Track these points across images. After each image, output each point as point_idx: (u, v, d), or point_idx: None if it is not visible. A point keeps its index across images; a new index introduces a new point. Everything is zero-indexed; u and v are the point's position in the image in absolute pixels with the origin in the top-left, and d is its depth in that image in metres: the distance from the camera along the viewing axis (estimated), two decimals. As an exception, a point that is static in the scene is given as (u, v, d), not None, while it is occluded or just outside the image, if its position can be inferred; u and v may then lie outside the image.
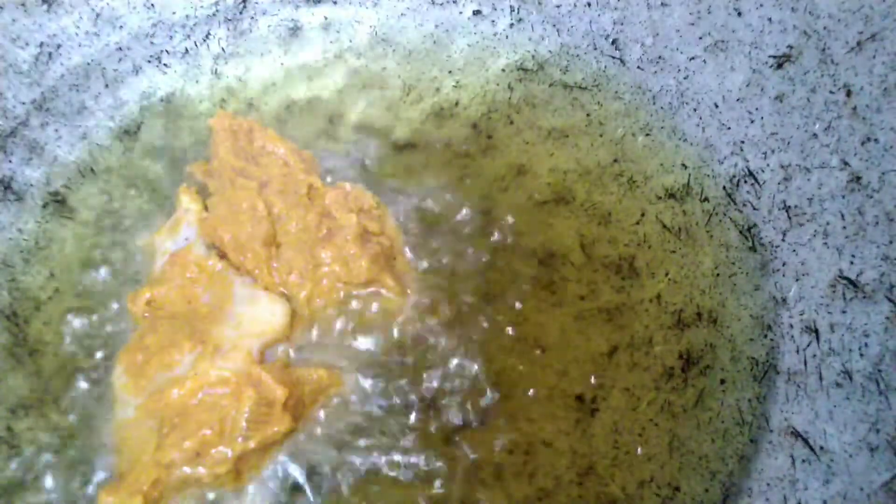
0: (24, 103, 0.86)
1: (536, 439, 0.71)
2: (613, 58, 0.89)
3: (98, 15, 0.89)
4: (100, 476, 0.69)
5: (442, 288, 0.78)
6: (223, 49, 0.93)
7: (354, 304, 0.76)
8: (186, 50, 0.93)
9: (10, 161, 0.84)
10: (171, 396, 0.68)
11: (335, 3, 0.95)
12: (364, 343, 0.75)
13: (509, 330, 0.76)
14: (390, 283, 0.76)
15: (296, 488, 0.69)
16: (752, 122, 0.80)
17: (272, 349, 0.73)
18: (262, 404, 0.67)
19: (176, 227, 0.78)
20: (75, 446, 0.71)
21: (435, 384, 0.73)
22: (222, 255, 0.76)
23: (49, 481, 0.70)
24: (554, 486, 0.69)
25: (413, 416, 0.72)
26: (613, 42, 0.89)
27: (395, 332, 0.76)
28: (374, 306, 0.77)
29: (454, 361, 0.75)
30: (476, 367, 0.74)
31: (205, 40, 0.93)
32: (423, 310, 0.77)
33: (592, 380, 0.74)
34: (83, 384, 0.74)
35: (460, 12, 0.94)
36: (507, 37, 0.93)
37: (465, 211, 0.81)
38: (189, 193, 0.80)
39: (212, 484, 0.67)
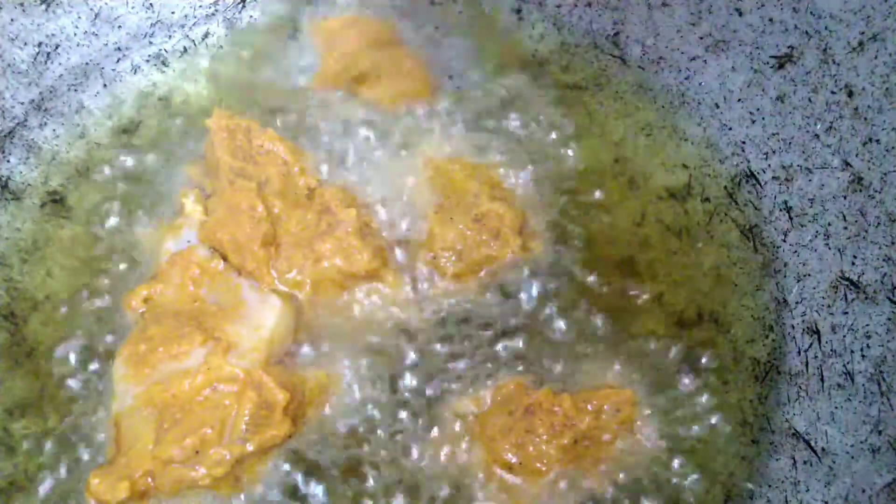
0: (22, 103, 0.85)
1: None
2: (614, 57, 0.89)
3: (96, 15, 0.89)
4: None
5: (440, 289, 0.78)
6: (222, 48, 0.93)
7: (354, 302, 0.76)
8: (185, 49, 0.93)
9: (9, 161, 0.84)
10: (179, 388, 0.67)
11: (335, 2, 0.95)
12: (364, 341, 0.75)
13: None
14: (390, 278, 0.76)
15: (294, 492, 0.69)
16: (754, 122, 0.80)
17: (275, 351, 0.73)
18: (262, 407, 0.67)
19: (178, 228, 0.78)
20: (73, 447, 0.71)
21: (434, 383, 0.73)
22: (223, 257, 0.76)
23: (46, 482, 0.70)
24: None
25: (413, 416, 0.72)
26: (614, 42, 0.89)
27: (395, 330, 0.75)
28: (375, 303, 0.76)
29: (454, 359, 0.74)
30: (476, 365, 0.74)
31: (203, 39, 0.93)
32: (422, 308, 0.77)
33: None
34: (81, 384, 0.74)
35: (460, 12, 0.94)
36: (506, 36, 0.93)
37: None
38: (192, 195, 0.80)
39: (208, 487, 0.67)
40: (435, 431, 0.71)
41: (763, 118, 0.79)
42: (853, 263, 0.70)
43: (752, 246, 0.79)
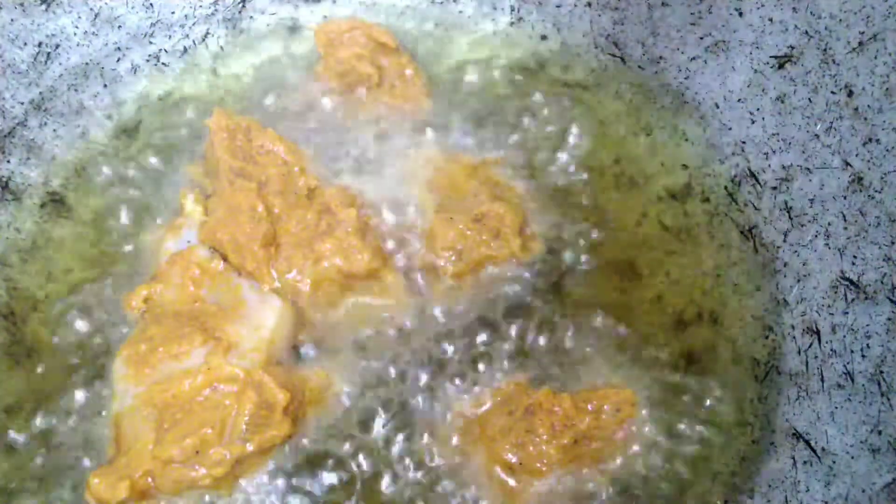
0: (22, 103, 0.85)
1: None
2: (614, 57, 0.89)
3: (97, 15, 0.89)
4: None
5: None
6: (222, 48, 0.93)
7: (354, 302, 0.76)
8: (185, 49, 0.93)
9: (9, 161, 0.84)
10: (179, 388, 0.67)
11: (334, 1, 0.95)
12: (364, 341, 0.75)
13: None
14: (390, 278, 0.76)
15: (294, 492, 0.69)
16: (754, 122, 0.80)
17: (275, 351, 0.73)
18: (263, 407, 0.67)
19: (178, 228, 0.78)
20: (73, 447, 0.71)
21: (434, 383, 0.73)
22: (223, 257, 0.75)
23: (46, 482, 0.70)
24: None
25: (413, 416, 0.72)
26: (614, 42, 0.89)
27: (395, 330, 0.76)
28: (375, 303, 0.76)
29: (454, 359, 0.74)
30: (476, 366, 0.74)
31: (203, 39, 0.93)
32: (422, 308, 0.77)
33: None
34: (81, 384, 0.74)
35: (460, 11, 0.94)
36: (507, 36, 0.93)
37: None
38: (192, 195, 0.80)
39: (208, 487, 0.67)
40: (435, 431, 0.71)
41: (763, 118, 0.79)
42: (853, 263, 0.70)
43: (752, 246, 0.79)
